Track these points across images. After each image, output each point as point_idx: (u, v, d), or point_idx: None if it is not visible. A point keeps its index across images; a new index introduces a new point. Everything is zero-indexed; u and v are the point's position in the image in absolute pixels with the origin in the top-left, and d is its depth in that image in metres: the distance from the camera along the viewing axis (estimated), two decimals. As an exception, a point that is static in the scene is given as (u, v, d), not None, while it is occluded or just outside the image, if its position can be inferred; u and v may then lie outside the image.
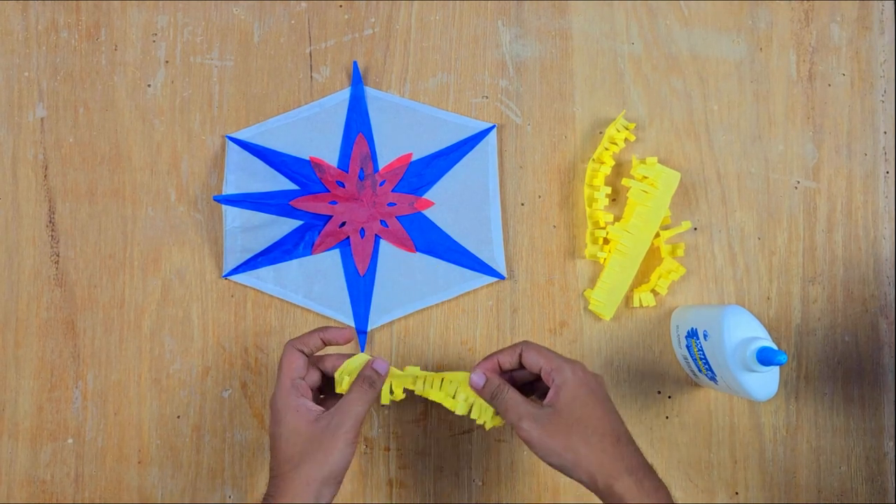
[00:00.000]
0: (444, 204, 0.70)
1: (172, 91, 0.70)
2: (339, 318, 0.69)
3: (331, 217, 0.69)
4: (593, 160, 0.70)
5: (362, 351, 0.69)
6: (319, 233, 0.69)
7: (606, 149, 0.69)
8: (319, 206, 0.69)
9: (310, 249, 0.69)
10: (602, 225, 0.69)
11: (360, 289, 0.69)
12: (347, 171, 0.69)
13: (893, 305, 0.71)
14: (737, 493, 0.69)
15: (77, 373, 0.68)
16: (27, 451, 0.68)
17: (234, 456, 0.68)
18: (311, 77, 0.71)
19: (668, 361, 0.70)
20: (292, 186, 0.69)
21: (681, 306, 0.70)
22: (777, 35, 0.73)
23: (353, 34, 0.71)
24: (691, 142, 0.71)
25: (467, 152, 0.70)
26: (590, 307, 0.69)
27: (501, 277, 0.69)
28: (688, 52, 0.72)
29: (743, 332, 0.60)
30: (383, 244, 0.69)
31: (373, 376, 0.58)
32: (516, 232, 0.70)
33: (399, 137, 0.70)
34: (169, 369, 0.69)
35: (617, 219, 0.70)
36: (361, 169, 0.69)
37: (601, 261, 0.69)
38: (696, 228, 0.71)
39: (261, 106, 0.70)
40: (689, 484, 0.69)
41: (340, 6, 0.71)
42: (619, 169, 0.71)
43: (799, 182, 0.72)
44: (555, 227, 0.70)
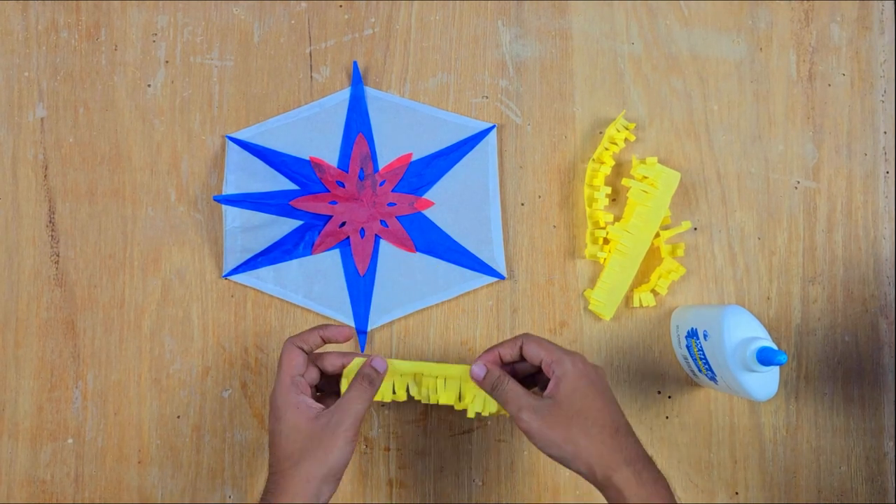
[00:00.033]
0: (444, 204, 0.70)
1: (172, 91, 0.70)
2: (339, 318, 0.68)
3: (331, 217, 0.69)
4: (593, 160, 0.70)
5: (362, 351, 0.69)
6: (319, 233, 0.69)
7: (606, 149, 0.69)
8: (319, 206, 0.69)
9: (310, 249, 0.69)
10: (602, 225, 0.69)
11: (360, 289, 0.69)
12: (347, 171, 0.69)
13: (893, 305, 0.71)
14: (737, 493, 0.69)
15: (77, 373, 0.68)
16: (27, 451, 0.68)
17: (234, 456, 0.68)
18: (311, 77, 0.71)
19: (668, 361, 0.70)
20: (292, 186, 0.69)
21: (681, 306, 0.70)
22: (777, 35, 0.73)
23: (353, 34, 0.71)
24: (691, 142, 0.71)
25: (467, 152, 0.70)
26: (590, 307, 0.69)
27: (501, 277, 0.69)
28: (688, 52, 0.72)
29: (743, 332, 0.60)
30: (383, 244, 0.69)
31: (372, 374, 0.58)
32: (516, 232, 0.70)
33: (399, 137, 0.70)
34: (169, 369, 0.69)
35: (617, 219, 0.70)
36: (361, 169, 0.69)
37: (601, 261, 0.69)
38: (696, 228, 0.71)
39: (261, 106, 0.70)
40: (689, 484, 0.69)
41: (340, 6, 0.71)
42: (619, 169, 0.71)
43: (799, 182, 0.72)
44: (555, 227, 0.70)
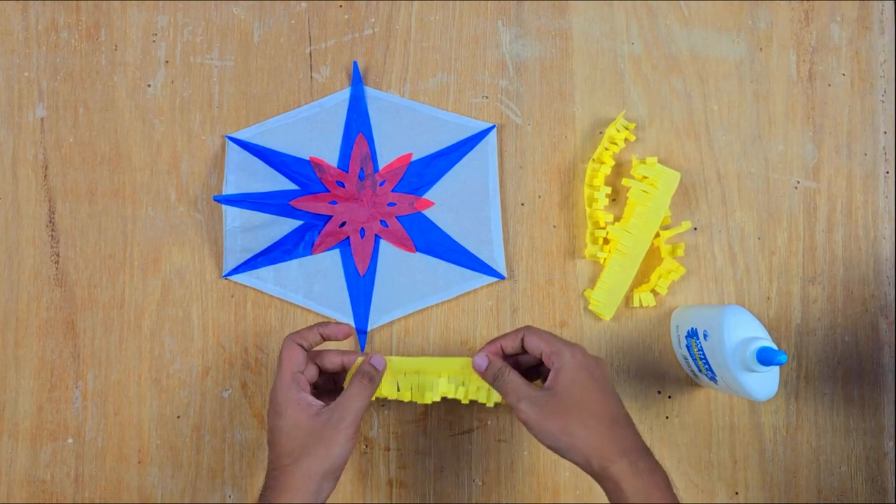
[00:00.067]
0: (444, 204, 0.70)
1: (172, 91, 0.70)
2: (340, 319, 0.68)
3: (331, 217, 0.69)
4: (593, 160, 0.70)
5: (362, 350, 0.69)
6: (319, 233, 0.69)
7: (606, 149, 0.69)
8: (319, 206, 0.69)
9: (310, 249, 0.69)
10: (602, 225, 0.69)
11: (360, 289, 0.69)
12: (347, 171, 0.69)
13: (893, 305, 0.71)
14: (737, 493, 0.69)
15: (77, 373, 0.68)
16: (27, 451, 0.68)
17: (234, 456, 0.68)
18: (311, 77, 0.71)
19: (668, 361, 0.70)
20: (292, 186, 0.69)
21: (681, 306, 0.70)
22: (777, 35, 0.73)
23: (353, 34, 0.71)
24: (691, 142, 0.71)
25: (467, 152, 0.70)
26: (590, 307, 0.69)
27: (501, 277, 0.69)
28: (688, 52, 0.72)
29: (743, 332, 0.60)
30: (383, 244, 0.69)
31: (371, 372, 0.59)
32: (516, 232, 0.70)
33: (399, 137, 0.70)
34: (169, 369, 0.69)
35: (617, 219, 0.70)
36: (361, 169, 0.69)
37: (601, 261, 0.69)
38: (696, 228, 0.71)
39: (261, 106, 0.70)
40: (689, 484, 0.69)
41: (340, 6, 0.71)
42: (619, 169, 0.71)
43: (799, 182, 0.72)
44: (555, 227, 0.70)
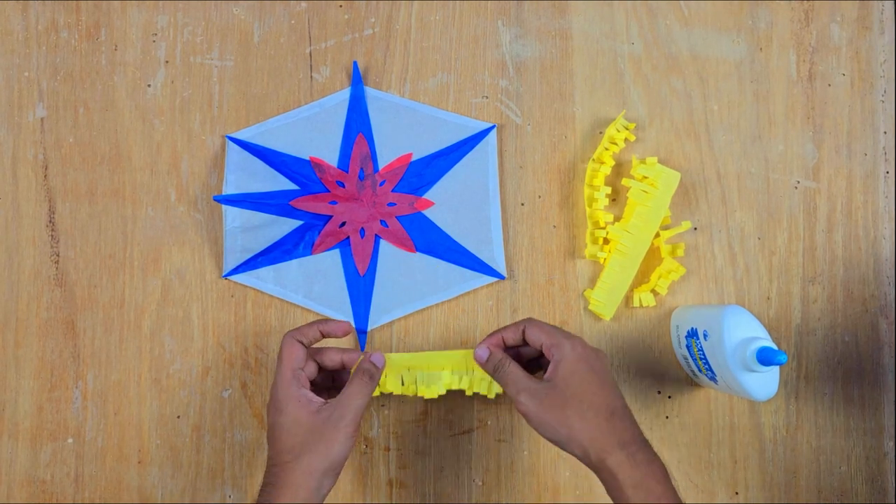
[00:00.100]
0: (444, 204, 0.70)
1: (172, 91, 0.70)
2: (340, 318, 0.68)
3: (331, 217, 0.69)
4: (593, 160, 0.70)
5: (362, 350, 0.69)
6: (319, 233, 0.69)
7: (606, 149, 0.69)
8: (319, 206, 0.69)
9: (310, 249, 0.69)
10: (602, 225, 0.69)
11: (360, 289, 0.69)
12: (347, 171, 0.69)
13: (893, 305, 0.71)
14: (737, 493, 0.69)
15: (77, 373, 0.68)
16: (27, 451, 0.68)
17: (234, 456, 0.68)
18: (311, 77, 0.71)
19: (668, 361, 0.70)
20: (292, 186, 0.69)
21: (681, 306, 0.70)
22: (777, 35, 0.73)
23: (353, 34, 0.71)
24: (691, 142, 0.71)
25: (467, 152, 0.70)
26: (590, 307, 0.69)
27: (501, 277, 0.69)
28: (688, 52, 0.72)
29: (743, 332, 0.60)
30: (383, 244, 0.69)
31: (371, 369, 0.59)
32: (516, 232, 0.70)
33: (399, 137, 0.70)
34: (169, 369, 0.68)
35: (617, 219, 0.70)
36: (361, 169, 0.69)
37: (601, 261, 0.69)
38: (696, 228, 0.71)
39: (261, 106, 0.70)
40: (689, 484, 0.69)
41: (340, 6, 0.71)
42: (619, 169, 0.71)
43: (799, 182, 0.72)
44: (555, 227, 0.70)
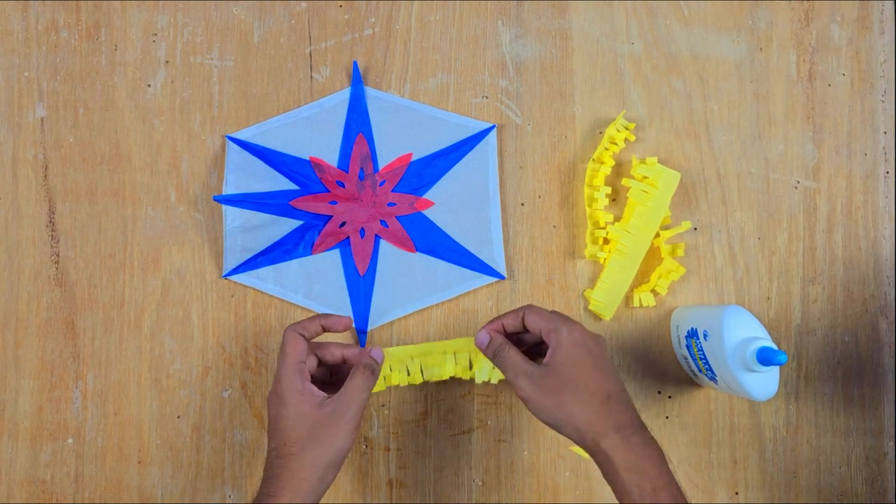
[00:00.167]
0: (444, 204, 0.70)
1: (172, 91, 0.70)
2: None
3: (331, 217, 0.69)
4: (593, 160, 0.70)
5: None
6: (319, 233, 0.69)
7: (606, 149, 0.69)
8: (319, 206, 0.69)
9: (310, 249, 0.69)
10: (602, 225, 0.69)
11: (360, 289, 0.69)
12: (347, 171, 0.69)
13: (893, 305, 0.71)
14: (737, 493, 0.69)
15: (77, 373, 0.68)
16: (27, 451, 0.68)
17: (234, 456, 0.68)
18: (311, 77, 0.71)
19: (668, 361, 0.70)
20: (292, 186, 0.69)
21: (681, 306, 0.70)
22: (777, 35, 0.73)
23: (353, 34, 0.71)
24: (691, 142, 0.71)
25: (467, 152, 0.70)
26: (590, 307, 0.69)
27: (501, 277, 0.69)
28: (688, 52, 0.72)
29: (743, 332, 0.60)
30: (383, 244, 0.69)
31: (372, 364, 0.60)
32: (516, 232, 0.70)
33: (399, 137, 0.70)
34: (169, 369, 0.68)
35: (617, 219, 0.70)
36: (361, 169, 0.69)
37: (601, 261, 0.69)
38: (696, 228, 0.71)
39: (261, 106, 0.70)
40: (689, 484, 0.69)
41: (340, 6, 0.71)
42: (619, 169, 0.71)
43: (799, 182, 0.72)
44: (555, 227, 0.70)
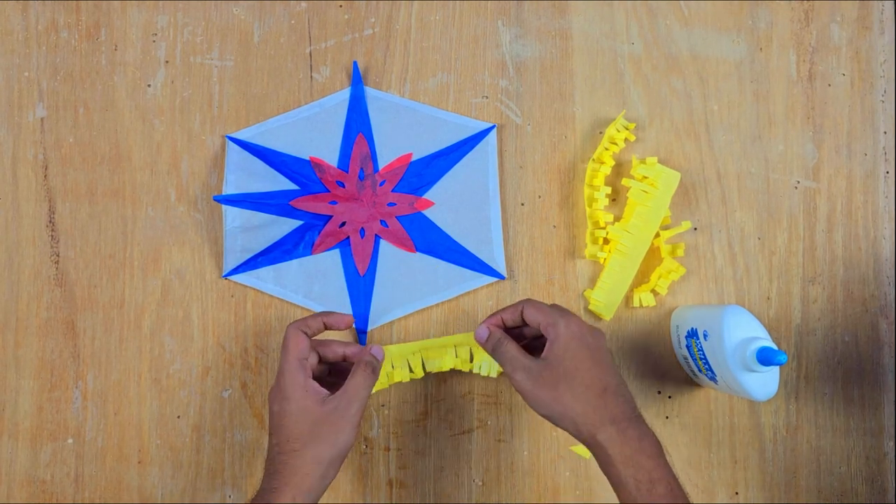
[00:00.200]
0: (444, 204, 0.70)
1: (172, 91, 0.70)
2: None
3: (331, 217, 0.69)
4: (593, 160, 0.70)
5: (362, 351, 0.69)
6: (319, 233, 0.69)
7: (606, 149, 0.69)
8: (319, 206, 0.69)
9: (310, 249, 0.69)
10: (602, 225, 0.69)
11: (360, 289, 0.69)
12: (347, 171, 0.69)
13: (893, 305, 0.71)
14: (737, 493, 0.69)
15: (77, 373, 0.68)
16: (27, 451, 0.68)
17: (234, 456, 0.68)
18: (311, 77, 0.71)
19: (668, 361, 0.70)
20: (292, 186, 0.69)
21: (681, 306, 0.70)
22: (777, 35, 0.73)
23: (353, 34, 0.71)
24: (691, 142, 0.71)
25: (467, 152, 0.70)
26: (590, 307, 0.69)
27: (501, 277, 0.69)
28: (688, 52, 0.72)
29: (743, 332, 0.60)
30: (383, 244, 0.69)
31: (373, 362, 0.60)
32: (516, 232, 0.70)
33: (399, 137, 0.70)
34: (169, 369, 0.68)
35: (617, 219, 0.70)
36: (361, 169, 0.69)
37: (601, 261, 0.69)
38: (696, 228, 0.71)
39: (261, 106, 0.70)
40: (689, 484, 0.69)
41: (340, 6, 0.71)
42: (619, 169, 0.71)
43: (799, 182, 0.72)
44: (555, 227, 0.70)
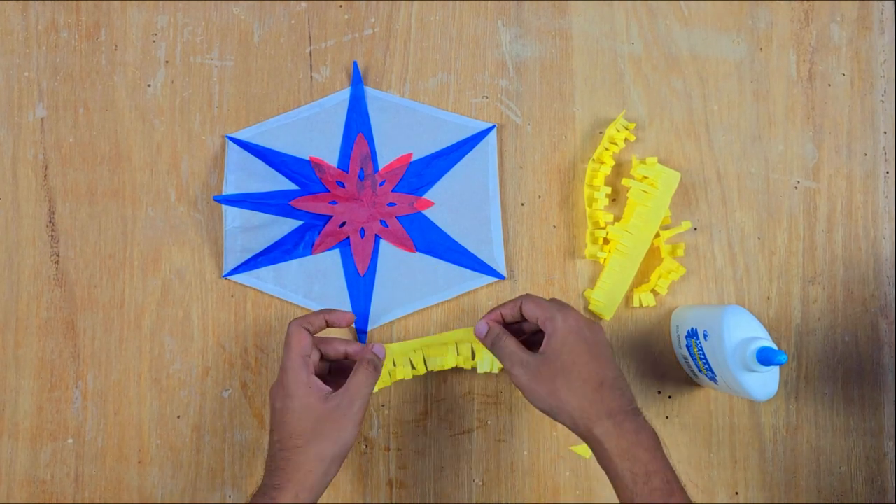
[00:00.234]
0: (444, 204, 0.70)
1: (172, 91, 0.70)
2: (340, 318, 0.69)
3: (331, 217, 0.69)
4: (593, 160, 0.70)
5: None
6: (319, 233, 0.69)
7: (606, 149, 0.69)
8: (319, 206, 0.69)
9: (310, 249, 0.69)
10: (602, 225, 0.69)
11: (360, 289, 0.69)
12: (347, 171, 0.69)
13: (893, 305, 0.71)
14: (737, 493, 0.69)
15: (77, 373, 0.68)
16: (27, 451, 0.68)
17: (234, 456, 0.68)
18: (311, 77, 0.71)
19: (668, 361, 0.70)
20: (292, 186, 0.69)
21: (681, 306, 0.70)
22: (777, 35, 0.73)
23: (353, 34, 0.71)
24: (691, 142, 0.71)
25: (467, 152, 0.70)
26: (590, 307, 0.69)
27: (501, 277, 0.69)
28: (688, 52, 0.72)
29: (743, 332, 0.60)
30: (383, 244, 0.69)
31: (375, 360, 0.61)
32: (516, 232, 0.70)
33: (399, 137, 0.70)
34: (169, 369, 0.69)
35: (617, 219, 0.70)
36: (361, 169, 0.69)
37: (601, 261, 0.69)
38: (696, 228, 0.71)
39: (261, 106, 0.70)
40: (689, 484, 0.69)
41: (340, 6, 0.71)
42: (619, 169, 0.71)
43: (799, 182, 0.72)
44: (555, 227, 0.70)
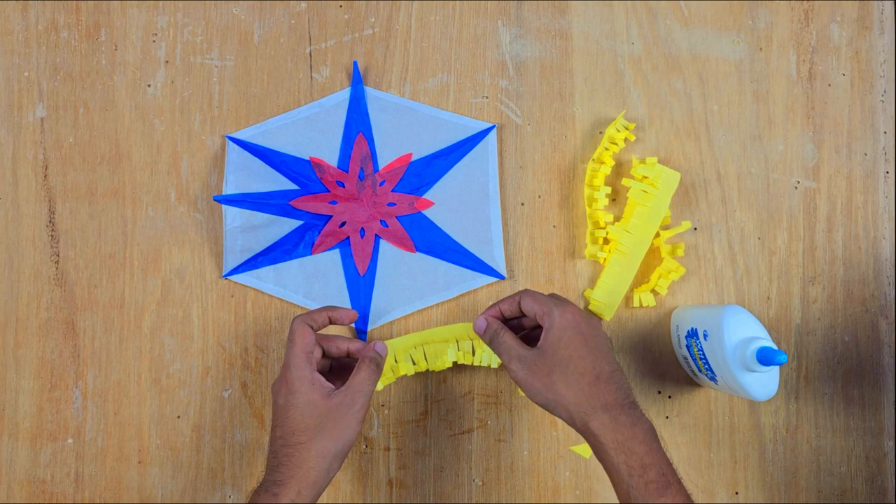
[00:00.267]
0: (444, 204, 0.70)
1: (172, 91, 0.70)
2: (339, 318, 0.69)
3: (331, 217, 0.69)
4: (593, 160, 0.70)
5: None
6: (319, 233, 0.69)
7: (606, 149, 0.69)
8: (319, 206, 0.69)
9: (310, 249, 0.69)
10: (602, 225, 0.69)
11: (360, 289, 0.69)
12: (347, 171, 0.69)
13: (893, 305, 0.71)
14: (737, 493, 0.69)
15: (77, 373, 0.68)
16: (27, 451, 0.68)
17: (234, 456, 0.68)
18: (311, 77, 0.71)
19: (668, 361, 0.70)
20: (292, 186, 0.69)
21: (681, 306, 0.70)
22: (777, 35, 0.73)
23: (353, 34, 0.71)
24: (691, 142, 0.71)
25: (467, 152, 0.70)
26: (590, 307, 0.69)
27: (501, 277, 0.69)
28: (688, 52, 0.72)
29: (743, 332, 0.60)
30: (383, 244, 0.69)
31: (377, 358, 0.61)
32: (516, 232, 0.70)
33: (399, 137, 0.70)
34: (169, 369, 0.69)
35: (617, 219, 0.70)
36: (361, 169, 0.69)
37: (601, 261, 0.69)
38: (696, 228, 0.71)
39: (261, 106, 0.70)
40: (689, 484, 0.69)
41: (340, 6, 0.71)
42: (619, 169, 0.71)
43: (799, 182, 0.72)
44: (555, 227, 0.70)
